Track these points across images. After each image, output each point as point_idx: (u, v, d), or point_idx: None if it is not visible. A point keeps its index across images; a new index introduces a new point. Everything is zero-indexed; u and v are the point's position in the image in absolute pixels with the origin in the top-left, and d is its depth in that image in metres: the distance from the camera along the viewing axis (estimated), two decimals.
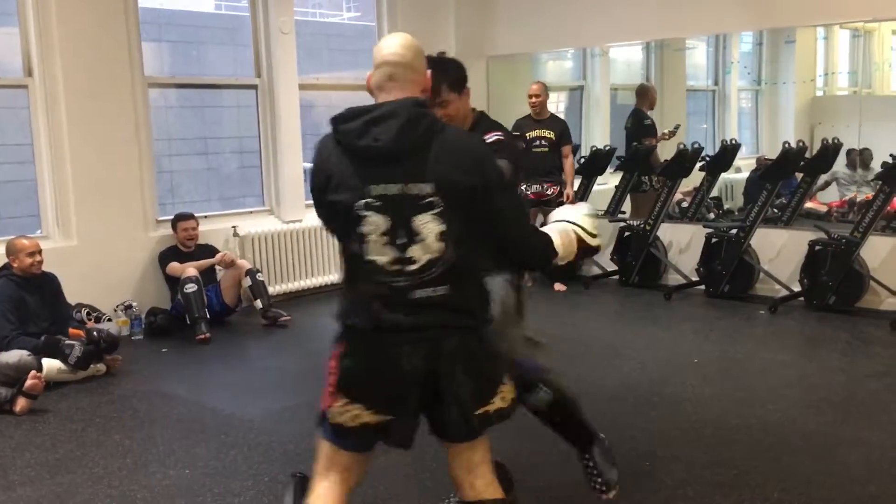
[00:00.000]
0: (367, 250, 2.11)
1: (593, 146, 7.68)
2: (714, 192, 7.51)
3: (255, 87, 6.84)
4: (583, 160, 7.49)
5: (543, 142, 6.88)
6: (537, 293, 7.00)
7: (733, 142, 6.94)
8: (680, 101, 8.61)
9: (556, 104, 8.81)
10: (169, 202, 8.73)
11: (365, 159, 2.10)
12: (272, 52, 6.71)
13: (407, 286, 2.12)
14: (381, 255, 2.11)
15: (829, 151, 6.52)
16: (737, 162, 7.18)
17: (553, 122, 6.93)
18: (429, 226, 2.09)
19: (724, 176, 7.35)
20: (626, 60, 8.84)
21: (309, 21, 11.90)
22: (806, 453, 3.57)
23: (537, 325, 3.66)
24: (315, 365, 5.08)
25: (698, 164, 6.86)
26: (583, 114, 8.78)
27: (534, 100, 6.88)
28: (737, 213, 7.61)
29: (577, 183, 7.12)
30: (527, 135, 6.90)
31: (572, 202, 6.37)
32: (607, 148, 7.46)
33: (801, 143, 6.38)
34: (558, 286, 7.03)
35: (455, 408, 2.18)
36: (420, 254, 2.11)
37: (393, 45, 2.19)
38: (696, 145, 6.82)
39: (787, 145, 6.25)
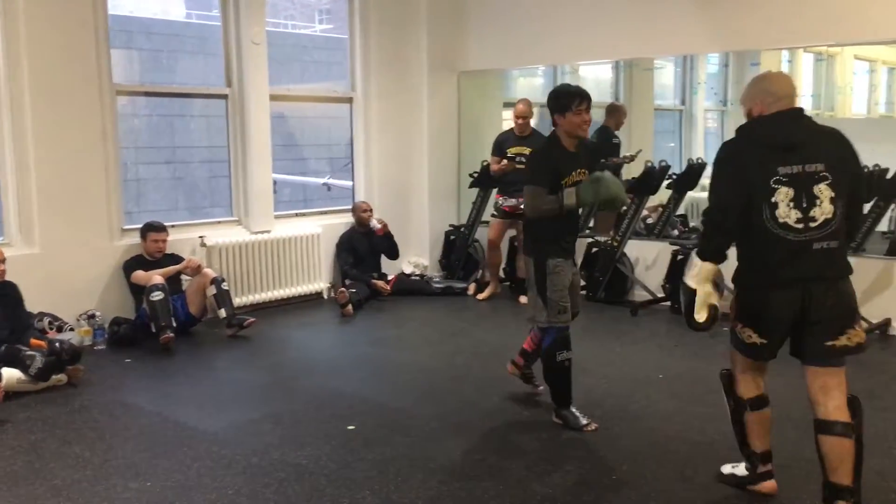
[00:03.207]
0: None
1: None
2: (680, 210, 7.59)
3: (225, 96, 6.81)
4: None
5: (524, 158, 6.95)
6: (505, 305, 7.05)
7: (699, 161, 7.04)
8: (648, 120, 8.73)
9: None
10: (135, 211, 8.65)
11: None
12: (243, 63, 6.69)
13: None
14: None
15: None
16: (703, 180, 7.27)
17: (535, 139, 6.93)
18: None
19: (690, 194, 7.44)
20: (595, 78, 8.94)
21: (281, 32, 11.91)
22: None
23: (502, 339, 3.68)
24: (280, 377, 5.10)
25: (665, 182, 6.94)
26: None
27: (521, 121, 6.96)
28: None
29: None
30: (507, 150, 6.97)
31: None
32: None
33: None
34: (523, 299, 7.08)
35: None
36: None
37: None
38: (664, 163, 6.90)
39: None
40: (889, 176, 5.77)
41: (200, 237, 6.52)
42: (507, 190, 7.05)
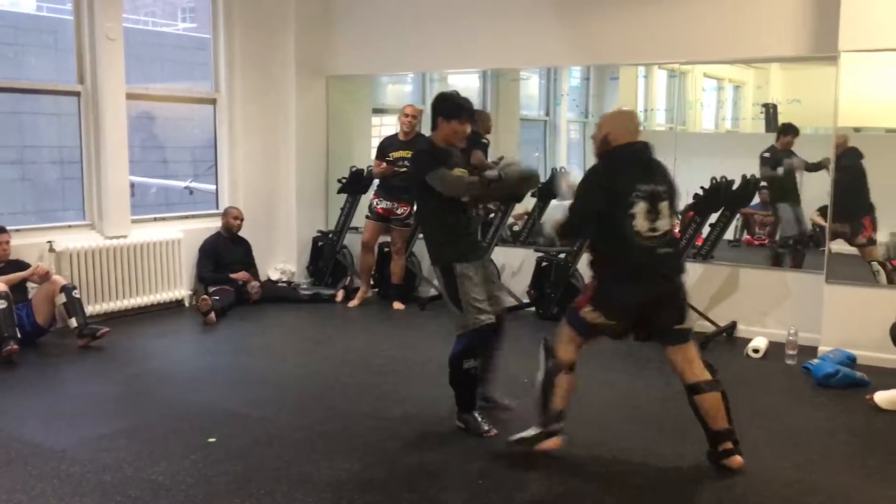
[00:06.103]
0: None
1: None
2: (544, 218, 7.78)
3: (77, 94, 6.45)
4: None
5: (406, 162, 6.91)
6: (374, 311, 7.01)
7: (563, 170, 7.26)
8: (514, 129, 8.91)
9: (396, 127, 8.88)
10: None
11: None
12: (97, 59, 6.36)
13: None
14: None
15: None
16: None
17: (418, 143, 6.82)
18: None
19: (554, 202, 7.64)
20: (464, 87, 9.04)
21: (140, 29, 11.42)
22: (625, 466, 3.77)
23: (370, 346, 3.63)
24: (135, 389, 4.86)
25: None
26: None
27: (411, 119, 6.91)
28: None
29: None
30: (390, 154, 6.93)
31: None
32: None
33: None
34: (397, 304, 7.09)
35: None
36: None
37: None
38: None
39: None
40: (735, 187, 6.12)
41: (49, 242, 6.15)
42: (385, 193, 7.02)
